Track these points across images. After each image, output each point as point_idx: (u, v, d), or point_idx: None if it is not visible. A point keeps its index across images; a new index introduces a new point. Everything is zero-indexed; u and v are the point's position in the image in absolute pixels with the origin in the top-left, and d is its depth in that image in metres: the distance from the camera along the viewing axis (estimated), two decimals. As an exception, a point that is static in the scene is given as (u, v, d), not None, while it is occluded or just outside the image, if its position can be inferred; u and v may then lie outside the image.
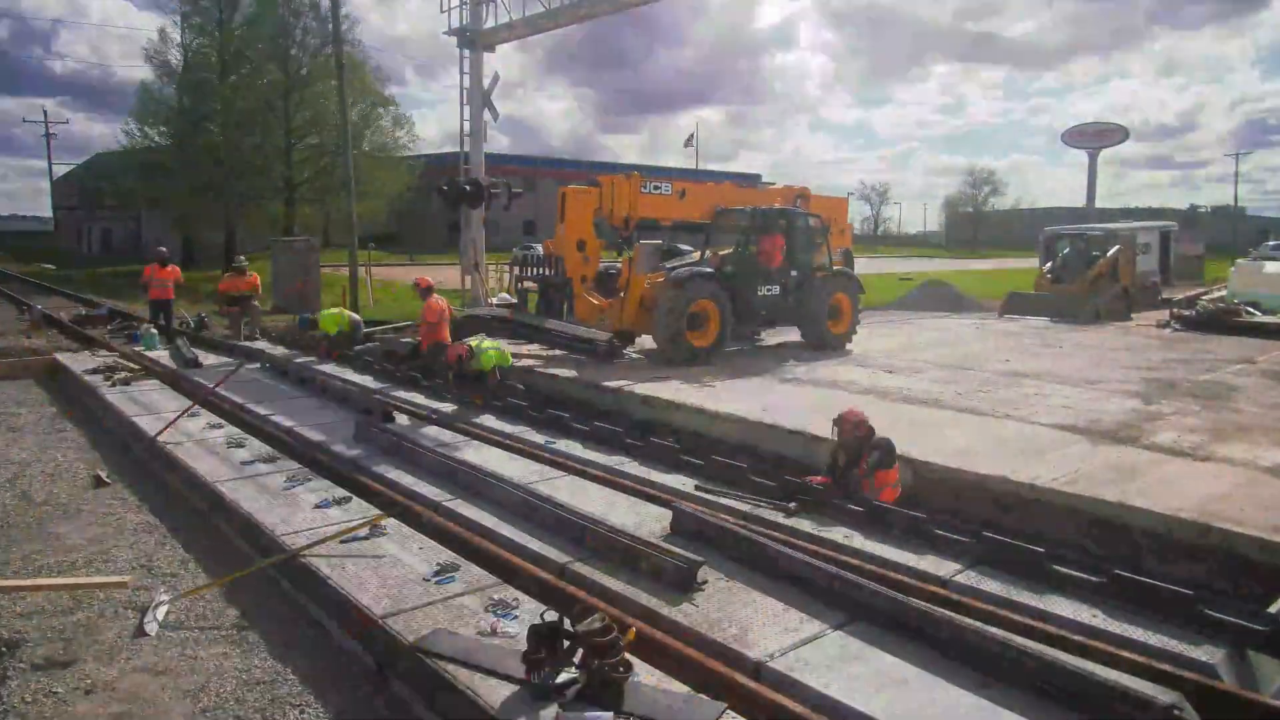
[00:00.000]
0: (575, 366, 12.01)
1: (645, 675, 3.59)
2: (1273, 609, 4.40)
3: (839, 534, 5.45)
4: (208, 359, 12.99)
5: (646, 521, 5.67)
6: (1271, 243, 39.05)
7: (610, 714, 3.30)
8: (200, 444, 7.65)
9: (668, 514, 5.70)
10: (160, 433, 7.92)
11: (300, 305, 20.00)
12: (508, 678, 3.53)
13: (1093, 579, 4.62)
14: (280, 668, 4.31)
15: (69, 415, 8.93)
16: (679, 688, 3.53)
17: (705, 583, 4.58)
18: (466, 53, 18.30)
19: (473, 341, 10.19)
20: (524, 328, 13.44)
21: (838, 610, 4.34)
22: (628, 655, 3.50)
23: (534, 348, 13.65)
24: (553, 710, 3.33)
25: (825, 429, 8.22)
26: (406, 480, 6.69)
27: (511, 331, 13.49)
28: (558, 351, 13.25)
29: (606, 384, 10.76)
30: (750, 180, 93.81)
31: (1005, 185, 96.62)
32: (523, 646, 3.59)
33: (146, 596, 5.03)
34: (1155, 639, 4.08)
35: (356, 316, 14.51)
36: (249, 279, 16.04)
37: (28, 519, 6.52)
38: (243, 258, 17.57)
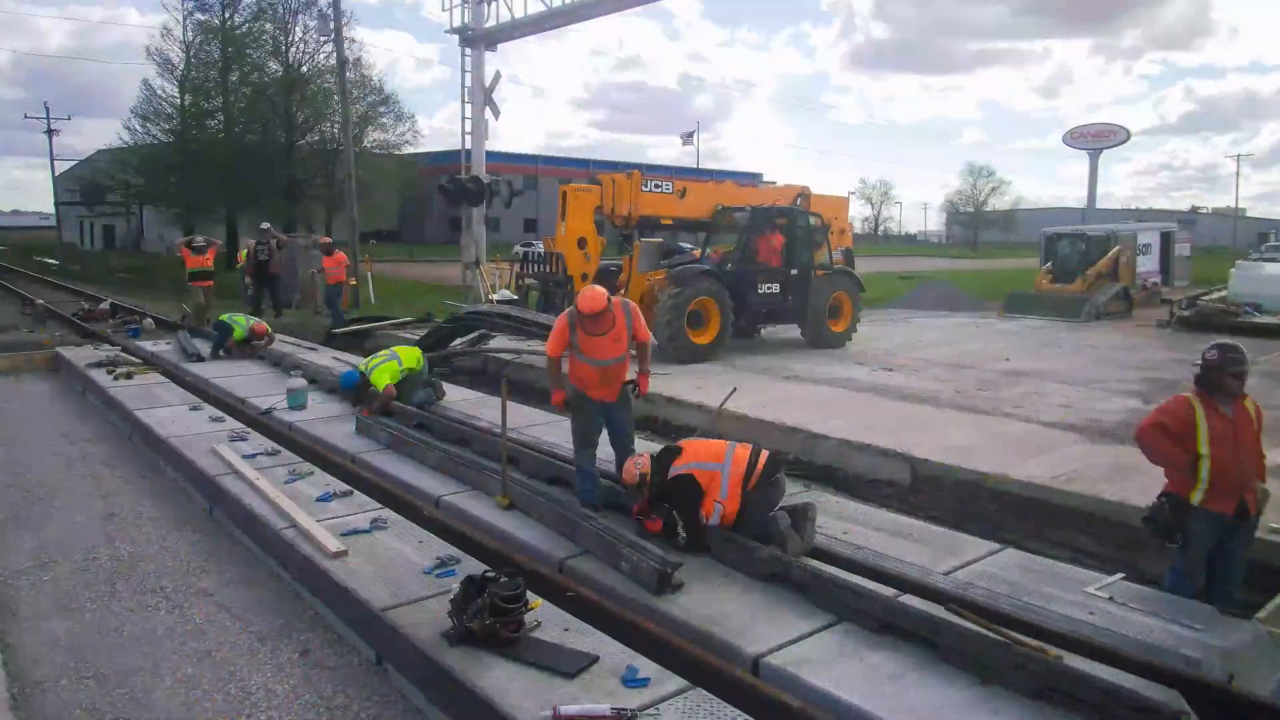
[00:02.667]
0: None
1: (645, 669, 3.62)
2: (1261, 614, 4.41)
3: (837, 530, 5.46)
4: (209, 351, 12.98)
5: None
6: (1271, 244, 39.02)
7: (606, 708, 3.33)
8: (202, 438, 7.67)
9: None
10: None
11: (304, 301, 20.04)
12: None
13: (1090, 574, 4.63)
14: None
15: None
16: (678, 682, 3.54)
17: (682, 584, 4.57)
18: (468, 51, 18.32)
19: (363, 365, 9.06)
20: (524, 324, 13.45)
21: (828, 611, 4.32)
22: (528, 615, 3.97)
23: (535, 344, 13.66)
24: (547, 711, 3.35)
25: (825, 426, 8.26)
26: (407, 474, 6.71)
27: (511, 328, 13.51)
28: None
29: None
30: (751, 179, 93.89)
31: (1006, 184, 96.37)
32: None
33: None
34: (1154, 636, 4.09)
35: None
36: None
37: (31, 512, 6.55)
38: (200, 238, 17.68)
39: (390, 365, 8.77)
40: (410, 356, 9.18)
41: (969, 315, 20.25)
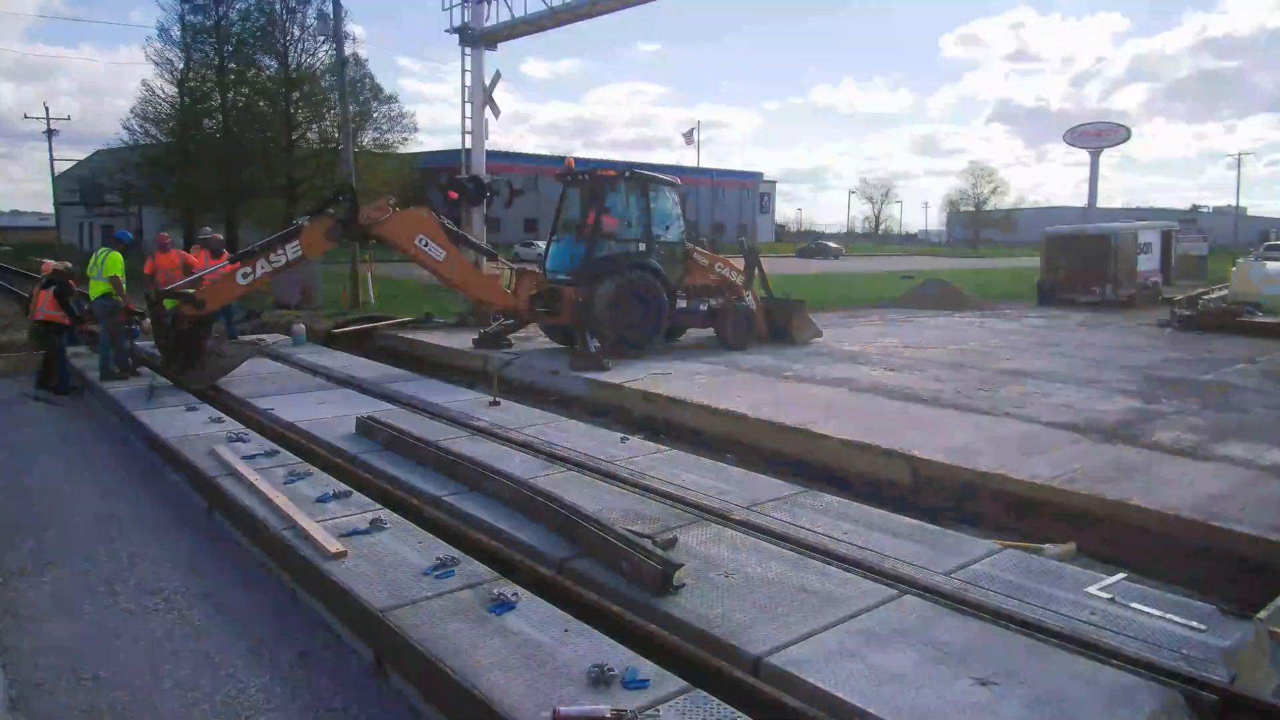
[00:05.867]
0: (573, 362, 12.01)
1: (645, 670, 3.61)
2: (1263, 614, 4.41)
3: (838, 530, 5.45)
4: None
5: (649, 517, 5.67)
6: (1271, 242, 38.98)
7: (606, 708, 3.31)
8: (201, 439, 7.66)
9: (673, 510, 5.72)
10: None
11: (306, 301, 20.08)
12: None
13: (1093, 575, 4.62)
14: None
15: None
16: (678, 683, 3.53)
17: (683, 585, 4.57)
18: (468, 50, 18.30)
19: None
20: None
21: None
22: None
23: (536, 344, 13.70)
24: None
25: (825, 427, 8.26)
26: (406, 475, 6.70)
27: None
28: (556, 345, 13.33)
29: (606, 381, 10.77)
30: (752, 179, 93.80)
31: (1006, 184, 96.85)
32: None
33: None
34: (1155, 636, 4.08)
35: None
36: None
37: (30, 514, 6.54)
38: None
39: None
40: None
41: (970, 315, 20.25)
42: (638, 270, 12.65)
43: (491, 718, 3.37)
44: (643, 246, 12.80)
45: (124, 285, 10.63)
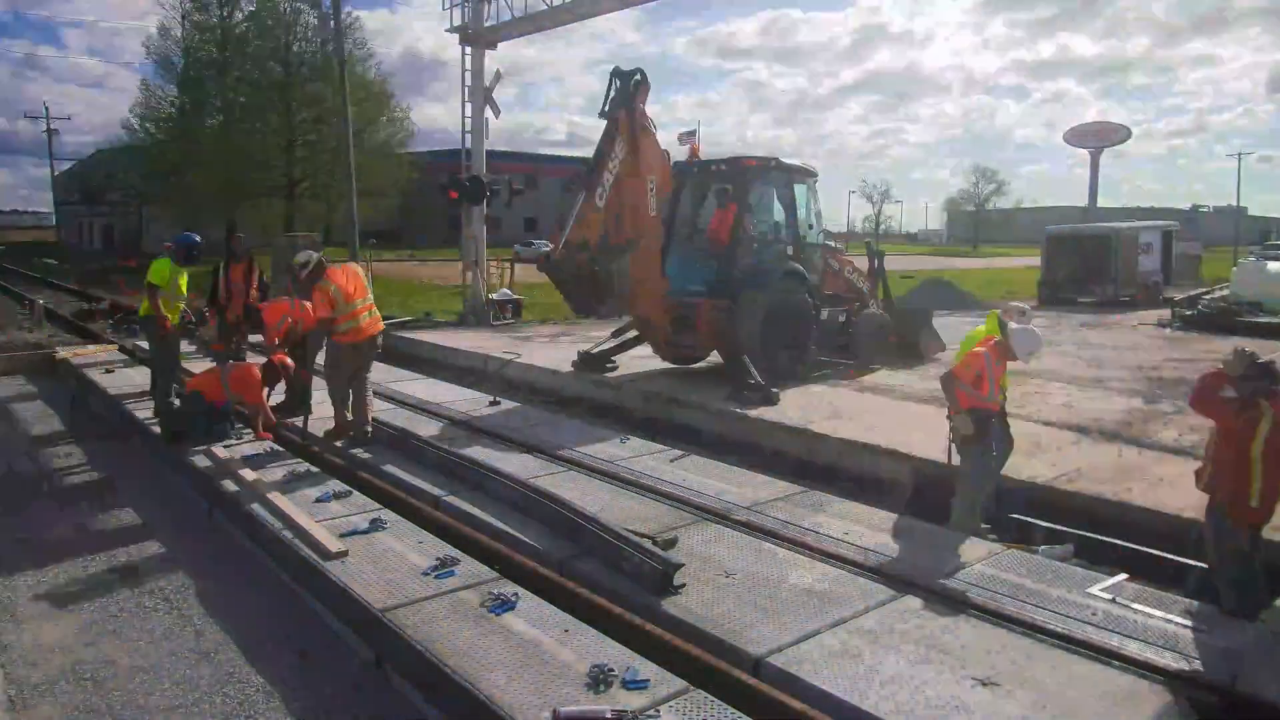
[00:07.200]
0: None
1: (645, 671, 3.61)
2: (1263, 614, 4.40)
3: (838, 530, 5.44)
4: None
5: (650, 518, 5.66)
6: (1272, 241, 39.00)
7: (606, 709, 3.31)
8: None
9: (673, 510, 5.72)
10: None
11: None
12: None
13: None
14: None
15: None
16: (678, 683, 3.53)
17: (684, 585, 4.57)
18: (468, 50, 18.29)
19: None
20: None
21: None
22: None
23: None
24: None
25: (826, 427, 8.24)
26: (406, 475, 6.69)
27: None
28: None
29: (606, 380, 10.77)
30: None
31: (1007, 184, 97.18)
32: None
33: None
34: (1156, 636, 4.08)
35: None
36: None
37: (30, 513, 6.53)
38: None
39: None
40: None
41: (970, 315, 20.22)
42: (787, 280, 10.50)
43: (491, 718, 3.37)
44: (790, 250, 10.79)
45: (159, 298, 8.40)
